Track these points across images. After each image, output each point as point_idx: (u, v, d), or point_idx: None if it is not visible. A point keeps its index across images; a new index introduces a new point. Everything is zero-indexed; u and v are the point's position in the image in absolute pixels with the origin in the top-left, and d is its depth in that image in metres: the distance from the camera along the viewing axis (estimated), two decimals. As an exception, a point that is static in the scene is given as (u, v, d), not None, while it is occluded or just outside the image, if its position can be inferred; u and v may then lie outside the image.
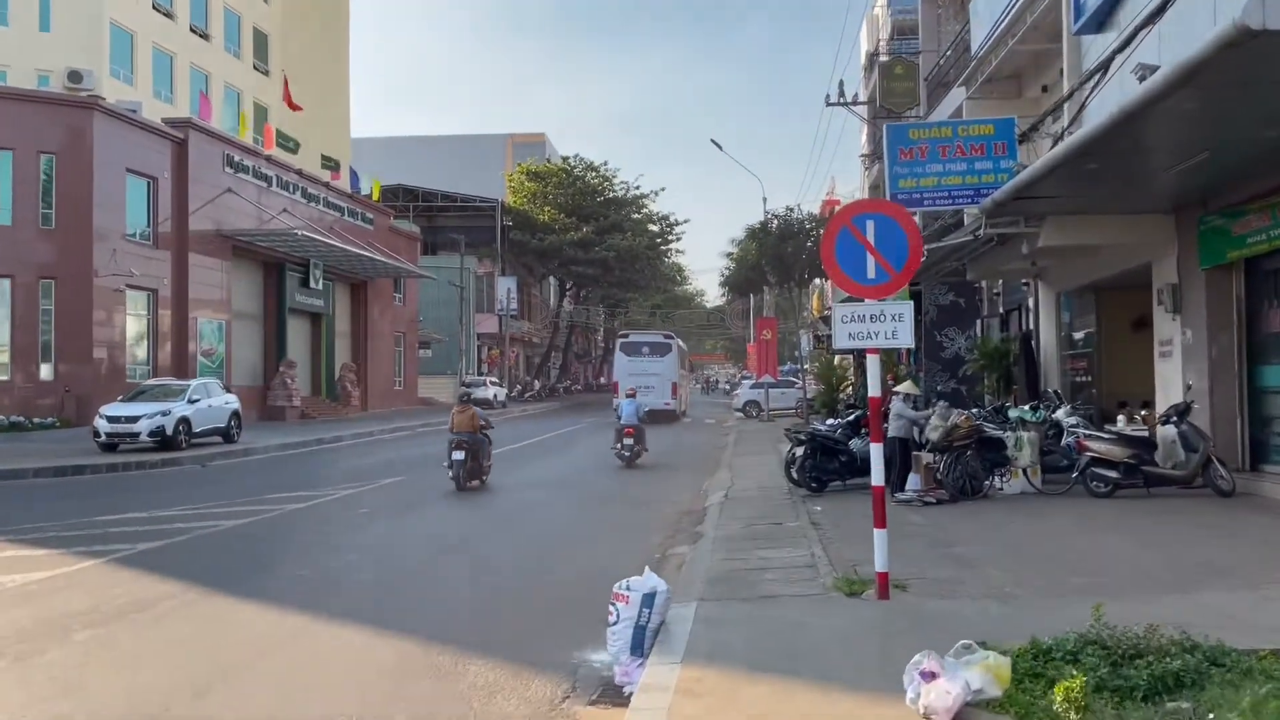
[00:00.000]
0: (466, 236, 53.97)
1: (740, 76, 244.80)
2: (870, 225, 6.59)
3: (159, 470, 18.24)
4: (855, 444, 13.38)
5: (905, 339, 6.81)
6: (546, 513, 12.66)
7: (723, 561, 8.44)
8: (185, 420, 20.53)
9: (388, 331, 46.83)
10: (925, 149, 13.22)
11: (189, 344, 31.02)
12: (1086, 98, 11.71)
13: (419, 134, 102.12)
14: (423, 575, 8.87)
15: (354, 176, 43.50)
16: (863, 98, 31.59)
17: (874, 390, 7.05)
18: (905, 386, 12.66)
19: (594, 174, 59.27)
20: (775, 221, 29.06)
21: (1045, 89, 17.61)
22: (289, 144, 37.26)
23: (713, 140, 34.23)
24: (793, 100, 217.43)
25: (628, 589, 5.72)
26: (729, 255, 31.38)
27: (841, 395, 23.25)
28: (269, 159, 36.20)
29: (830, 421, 14.85)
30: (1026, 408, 14.03)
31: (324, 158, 41.02)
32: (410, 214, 57.84)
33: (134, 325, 29.36)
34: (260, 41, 44.80)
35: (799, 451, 13.01)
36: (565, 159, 60.87)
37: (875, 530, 6.83)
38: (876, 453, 7.01)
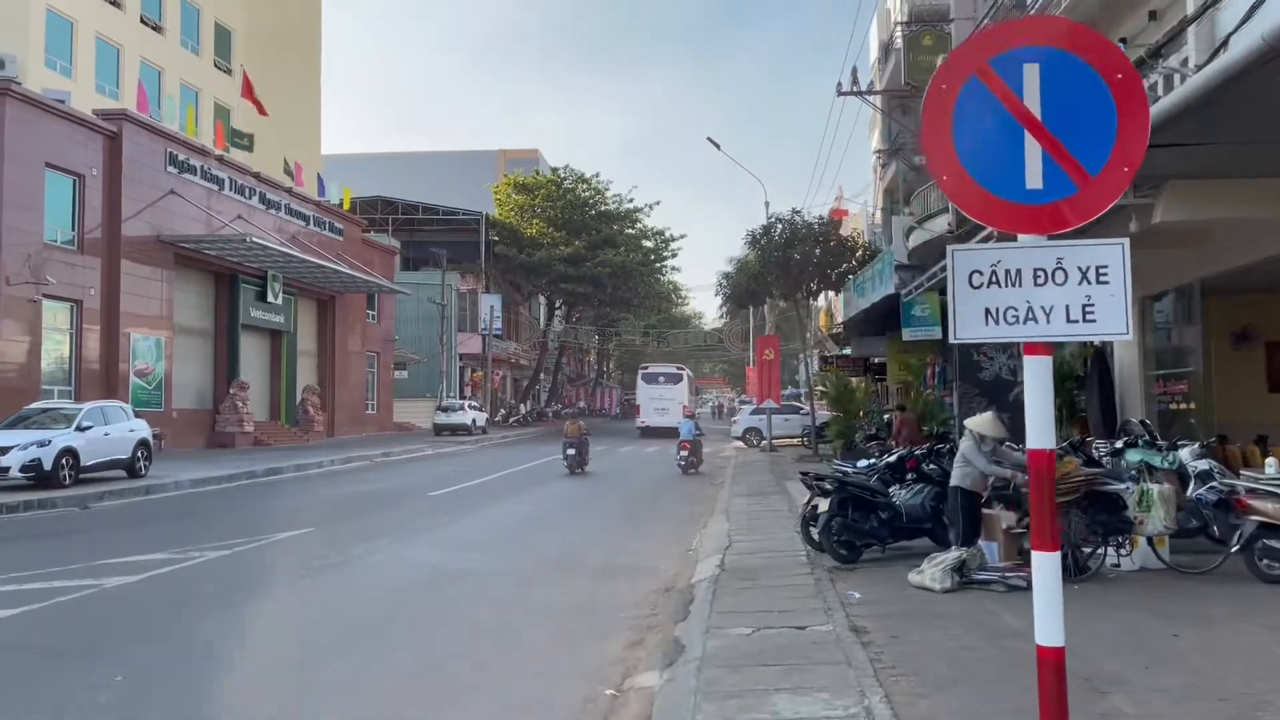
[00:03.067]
0: (449, 251, 50.60)
1: (737, 102, 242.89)
2: (1031, 75, 3.16)
3: (21, 515, 14.66)
4: (899, 496, 9.86)
5: (1112, 321, 3.30)
6: (465, 598, 8.89)
7: None
8: (70, 452, 16.98)
9: (359, 351, 43.34)
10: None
11: (120, 362, 27.50)
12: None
13: (408, 150, 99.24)
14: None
15: (321, 184, 40.17)
16: (876, 90, 28.27)
17: (1039, 438, 3.51)
18: (983, 424, 9.14)
19: (585, 186, 55.97)
20: (779, 226, 25.59)
21: (1153, 15, 14.07)
22: (242, 141, 33.90)
23: (710, 139, 30.89)
24: (790, 124, 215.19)
25: None
26: (725, 275, 27.76)
27: (859, 423, 19.78)
28: (221, 159, 32.85)
29: (862, 463, 11.29)
30: (1121, 445, 10.50)
31: (285, 162, 37.67)
32: (389, 227, 54.50)
33: (53, 341, 25.85)
34: (222, 38, 41.58)
35: (822, 505, 9.47)
36: (555, 170, 57.59)
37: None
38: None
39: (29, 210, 24.60)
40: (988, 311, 3.27)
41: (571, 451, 22.28)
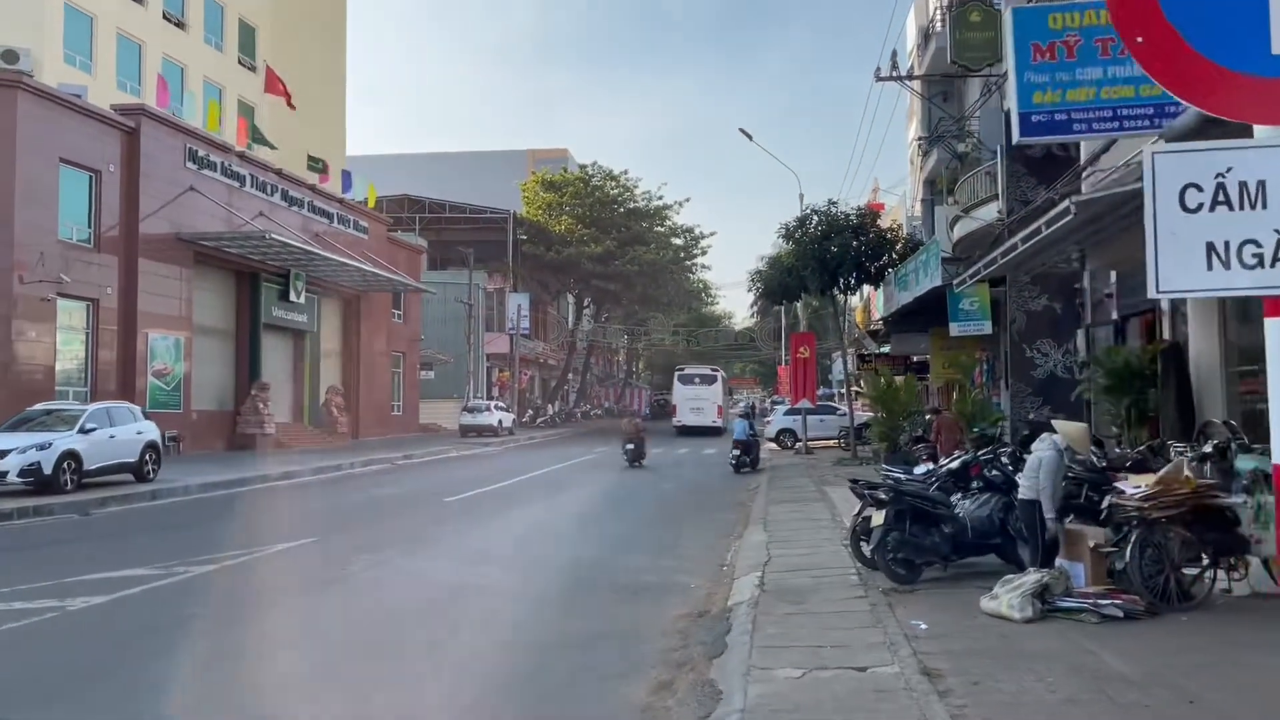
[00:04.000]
0: (476, 250, 49.83)
1: (768, 100, 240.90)
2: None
3: (15, 524, 13.85)
4: (962, 506, 8.70)
5: None
6: (468, 624, 7.73)
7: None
8: (72, 455, 16.19)
9: (384, 351, 42.60)
10: (1075, 43, 8.52)
11: (138, 363, 26.84)
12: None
13: (435, 150, 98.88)
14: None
15: (346, 180, 39.50)
16: (916, 75, 26.99)
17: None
18: (1075, 435, 7.94)
19: (614, 183, 54.97)
20: (815, 217, 24.37)
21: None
22: (265, 141, 33.22)
23: (741, 130, 29.72)
24: (823, 120, 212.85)
25: None
26: (758, 272, 26.58)
27: (903, 425, 18.53)
28: (242, 156, 32.18)
29: (920, 469, 10.10)
30: (1210, 449, 9.27)
31: (310, 158, 36.99)
32: (416, 226, 53.84)
33: (68, 341, 25.23)
34: (246, 34, 41.02)
35: (877, 517, 8.33)
36: (583, 167, 56.62)
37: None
38: None
39: (43, 207, 23.96)
40: (1211, 249, 2.15)
41: (631, 447, 24.81)
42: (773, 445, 32.52)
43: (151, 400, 27.32)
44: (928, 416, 22.42)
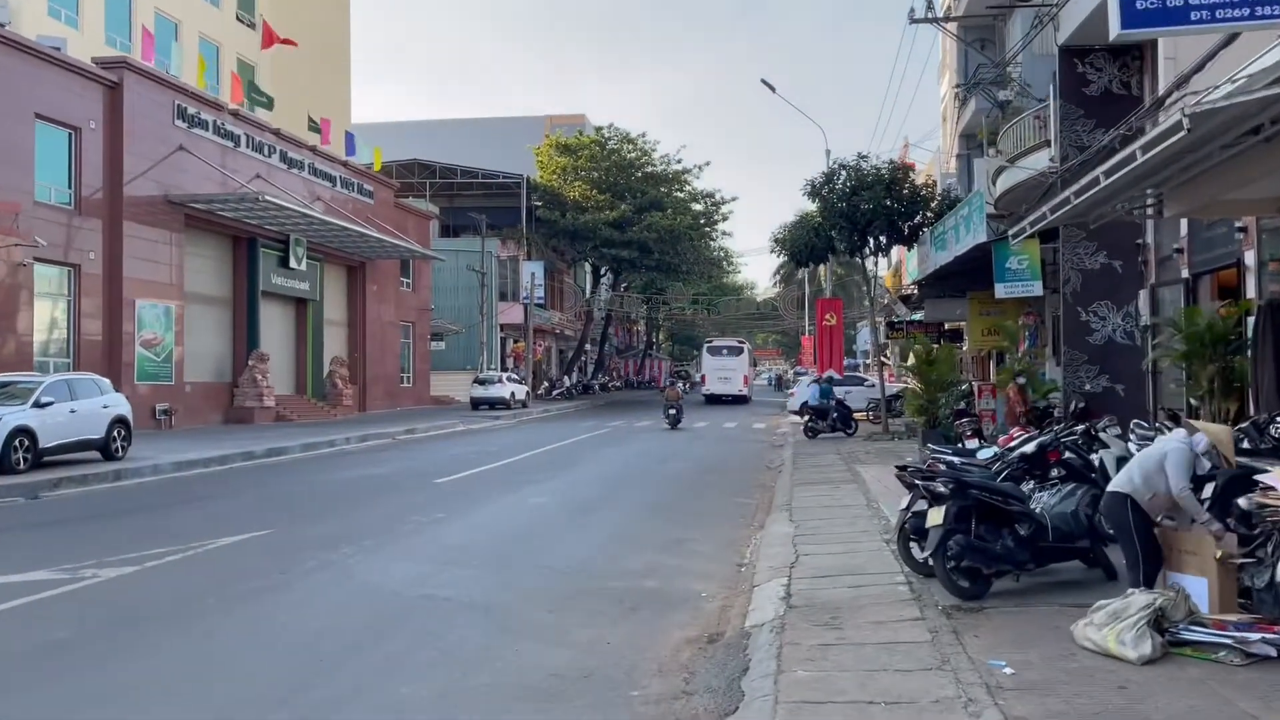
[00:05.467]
0: (490, 217, 48.12)
1: (792, 62, 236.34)
2: None
3: (-49, 507, 12.37)
4: (1040, 500, 6.96)
5: None
6: (408, 656, 5.88)
7: None
8: (25, 432, 14.71)
9: (392, 321, 41.08)
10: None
11: (125, 332, 25.41)
12: None
13: (449, 117, 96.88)
14: None
15: (350, 141, 37.78)
16: (953, 17, 24.87)
17: None
18: (1221, 438, 6.01)
19: (631, 146, 52.90)
20: (843, 173, 22.44)
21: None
22: (261, 99, 31.54)
23: (764, 81, 27.85)
24: (850, 80, 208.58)
25: None
26: (780, 233, 24.65)
27: (940, 397, 16.68)
28: (236, 114, 30.54)
29: (985, 452, 8.27)
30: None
31: (310, 119, 35.30)
32: (427, 192, 52.15)
33: (47, 308, 23.80)
34: (246, -11, 39.21)
35: (934, 515, 6.59)
36: (599, 129, 54.54)
37: None
38: None
39: (15, 166, 22.44)
40: None
41: (673, 412, 28.15)
42: (796, 419, 30.75)
43: (140, 372, 25.96)
44: (964, 388, 20.64)
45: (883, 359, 29.79)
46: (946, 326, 29.71)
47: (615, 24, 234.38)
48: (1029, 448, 7.52)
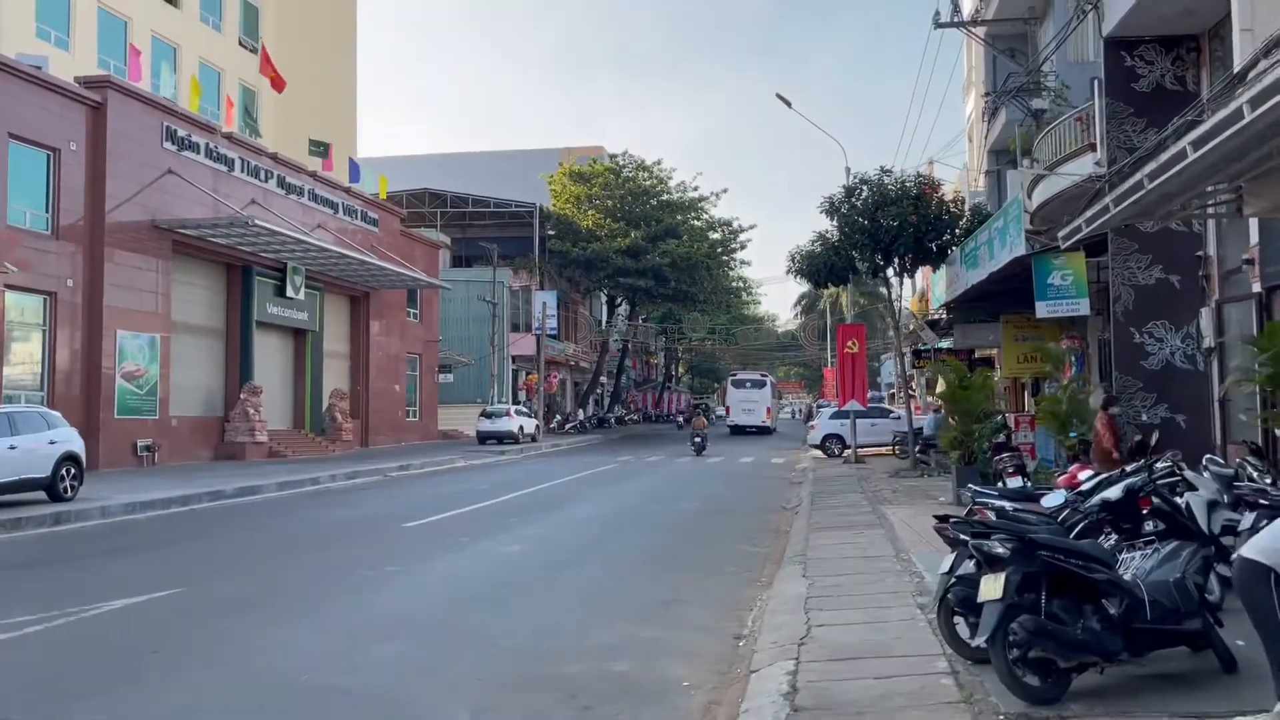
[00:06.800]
0: (502, 247, 46.78)
1: (814, 98, 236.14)
2: None
3: None
4: (1132, 564, 5.19)
5: None
6: None
7: None
8: (-50, 471, 13.21)
9: (398, 353, 39.67)
10: None
11: (105, 364, 24.05)
12: None
13: (464, 150, 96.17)
14: None
15: (353, 167, 36.62)
16: (981, 20, 23.28)
17: None
18: None
19: (646, 174, 51.57)
20: (864, 189, 20.80)
21: None
22: (253, 122, 30.43)
23: (779, 95, 26.18)
24: (869, 115, 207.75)
25: None
26: (800, 251, 22.95)
27: (976, 429, 14.86)
28: (230, 138, 29.38)
29: (1051, 499, 6.40)
30: None
31: (312, 142, 34.18)
32: (438, 222, 51.02)
33: (21, 339, 22.50)
34: (249, 14, 38.36)
35: (991, 585, 4.83)
36: (613, 157, 53.26)
37: None
38: None
39: (-13, 188, 21.25)
40: None
41: (698, 440, 31.15)
42: (817, 453, 28.90)
43: (121, 406, 24.56)
44: (998, 419, 18.75)
45: (910, 390, 27.96)
46: (977, 354, 27.84)
47: (635, 60, 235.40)
48: (1113, 492, 5.70)
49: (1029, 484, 12.51)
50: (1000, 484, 12.33)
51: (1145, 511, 5.64)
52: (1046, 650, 4.70)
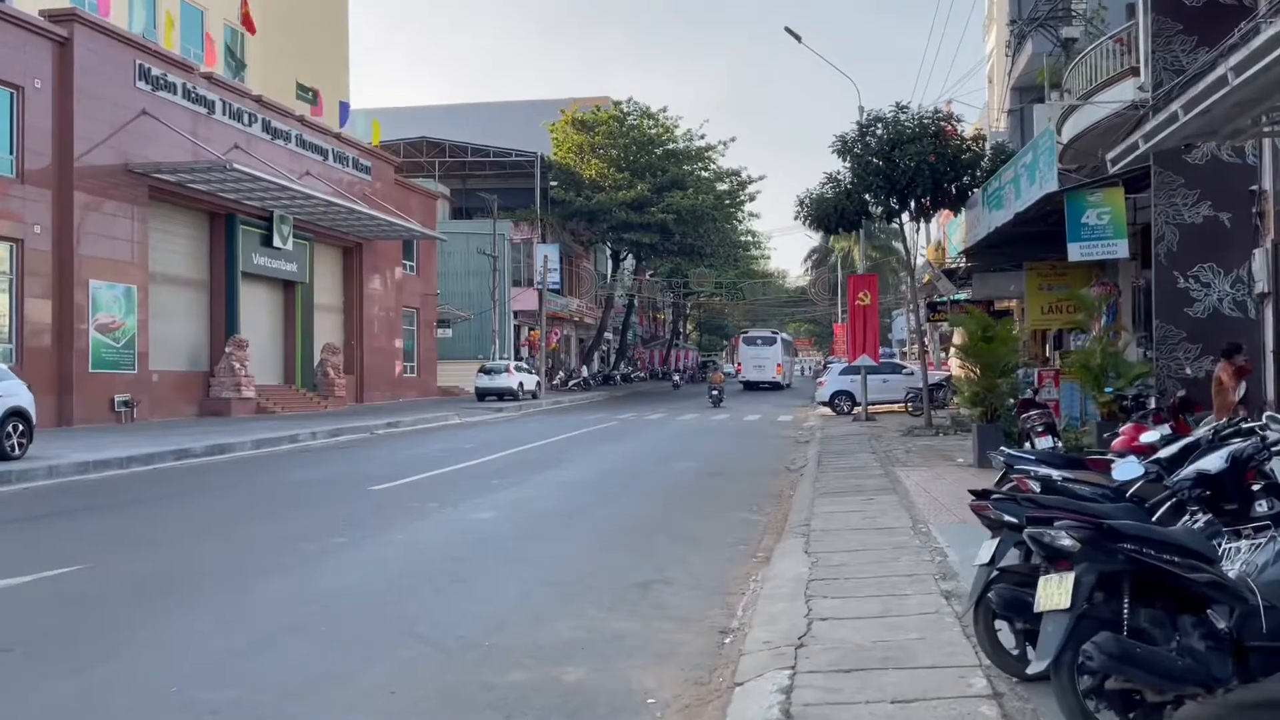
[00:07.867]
0: (503, 198, 45.25)
1: (827, 44, 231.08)
2: None
3: None
4: (1241, 559, 3.89)
5: None
6: None
7: None
8: (-127, 427, 12.05)
9: (394, 307, 38.39)
10: None
11: (76, 315, 22.86)
12: None
13: (470, 101, 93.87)
14: None
15: (344, 110, 35.14)
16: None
17: None
18: None
19: (651, 122, 49.76)
20: (878, 126, 19.28)
21: None
22: (233, 63, 28.89)
23: (788, 29, 24.49)
24: (886, 64, 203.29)
25: None
26: (808, 194, 21.38)
27: (1001, 386, 13.55)
28: (210, 78, 27.90)
29: (1125, 469, 5.00)
30: None
31: (300, 86, 32.63)
32: (436, 173, 49.45)
33: (-18, 287, 21.32)
34: (234, -50, 36.50)
35: (1053, 587, 3.57)
36: (617, 104, 51.38)
37: None
38: None
39: (-59, 127, 19.93)
40: None
41: (715, 393, 33.41)
42: (826, 410, 27.64)
43: (95, 359, 23.41)
44: (1019, 371, 17.41)
45: (924, 344, 26.61)
46: (996, 306, 26.41)
47: (644, 12, 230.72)
48: (1212, 461, 4.36)
49: (1059, 444, 11.26)
50: (1029, 444, 11.07)
51: (1251, 485, 4.36)
52: (1133, 679, 3.43)
